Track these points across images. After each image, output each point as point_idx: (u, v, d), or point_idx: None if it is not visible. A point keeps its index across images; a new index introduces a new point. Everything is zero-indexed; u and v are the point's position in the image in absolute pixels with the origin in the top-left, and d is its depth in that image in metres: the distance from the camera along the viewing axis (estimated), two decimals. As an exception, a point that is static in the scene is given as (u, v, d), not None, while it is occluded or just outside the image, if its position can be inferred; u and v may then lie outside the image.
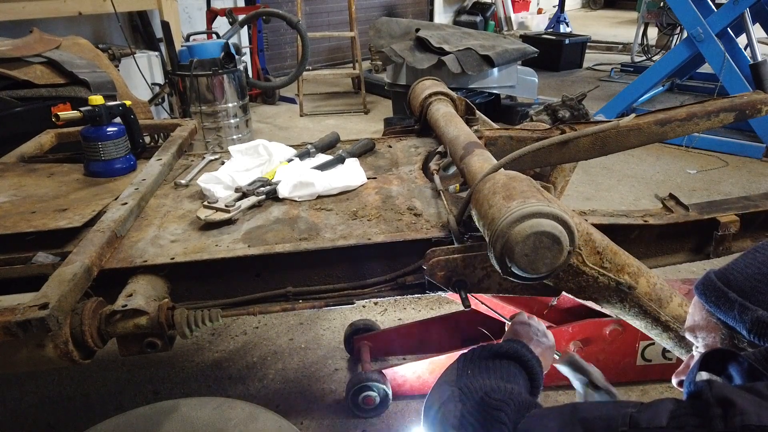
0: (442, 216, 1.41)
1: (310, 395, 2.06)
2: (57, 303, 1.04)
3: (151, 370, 2.21)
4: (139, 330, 1.16)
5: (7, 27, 3.64)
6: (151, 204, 1.59)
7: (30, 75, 2.76)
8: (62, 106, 2.74)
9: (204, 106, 3.82)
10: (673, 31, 7.01)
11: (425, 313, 2.53)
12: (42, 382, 2.17)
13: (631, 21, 10.50)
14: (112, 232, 1.33)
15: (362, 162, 1.78)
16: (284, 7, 6.58)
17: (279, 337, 2.39)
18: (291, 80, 4.49)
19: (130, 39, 4.43)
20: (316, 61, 7.30)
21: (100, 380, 2.16)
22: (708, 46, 4.36)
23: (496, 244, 1.07)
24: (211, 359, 2.27)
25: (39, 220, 1.45)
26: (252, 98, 5.44)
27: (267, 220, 1.47)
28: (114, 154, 1.77)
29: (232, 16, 4.49)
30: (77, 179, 1.77)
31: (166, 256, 1.30)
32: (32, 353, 1.09)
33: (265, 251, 1.29)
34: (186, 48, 3.78)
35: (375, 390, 1.93)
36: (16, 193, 1.66)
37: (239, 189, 1.55)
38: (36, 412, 2.04)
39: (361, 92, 5.68)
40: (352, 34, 5.68)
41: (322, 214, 1.48)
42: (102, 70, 3.05)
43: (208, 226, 1.43)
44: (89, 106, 1.74)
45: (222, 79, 3.79)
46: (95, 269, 1.22)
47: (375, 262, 1.34)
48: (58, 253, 1.30)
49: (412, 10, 8.92)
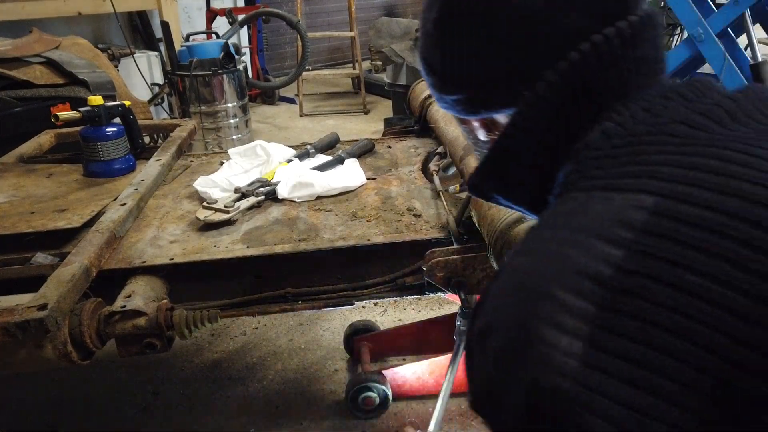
0: (441, 217, 1.41)
1: (309, 396, 2.06)
2: (56, 304, 1.04)
3: (150, 370, 2.20)
4: (138, 331, 1.15)
5: (6, 27, 3.64)
6: (150, 204, 1.59)
7: (29, 75, 2.75)
8: (61, 106, 2.73)
9: (203, 106, 3.81)
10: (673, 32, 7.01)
11: (425, 314, 2.52)
12: (41, 382, 2.16)
13: (631, 21, 10.48)
14: (111, 233, 1.33)
15: (362, 162, 1.78)
16: (284, 7, 6.57)
17: (278, 337, 2.39)
18: (291, 80, 4.48)
19: (129, 39, 4.42)
20: (316, 61, 7.29)
21: (99, 381, 2.16)
22: (708, 46, 4.36)
23: (495, 245, 1.07)
24: (210, 360, 2.27)
25: (38, 220, 1.45)
26: (252, 98, 5.44)
27: (266, 220, 1.47)
28: (113, 154, 1.77)
29: (232, 16, 4.49)
30: (76, 180, 1.77)
31: (165, 256, 1.30)
32: (31, 354, 1.09)
33: (264, 252, 1.29)
34: (186, 48, 3.77)
35: (375, 391, 1.92)
36: (15, 193, 1.66)
37: (238, 190, 1.55)
38: (35, 412, 2.03)
39: (361, 92, 5.67)
40: (352, 34, 5.67)
41: (322, 214, 1.48)
42: (101, 70, 3.04)
43: (207, 226, 1.43)
44: (88, 106, 1.73)
45: (222, 79, 3.79)
46: (94, 270, 1.22)
47: (374, 262, 1.34)
48: (57, 254, 1.30)
49: (412, 10, 8.91)
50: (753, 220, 0.41)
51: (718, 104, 0.52)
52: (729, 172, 0.44)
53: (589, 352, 0.40)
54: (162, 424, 1.94)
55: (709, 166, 0.45)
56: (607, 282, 0.41)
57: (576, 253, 0.43)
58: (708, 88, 0.55)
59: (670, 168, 0.46)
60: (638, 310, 0.40)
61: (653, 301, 0.40)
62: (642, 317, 0.40)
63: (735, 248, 0.40)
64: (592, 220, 0.45)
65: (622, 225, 0.43)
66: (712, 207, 0.42)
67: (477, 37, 0.58)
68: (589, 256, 0.42)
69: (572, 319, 0.41)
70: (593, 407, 0.39)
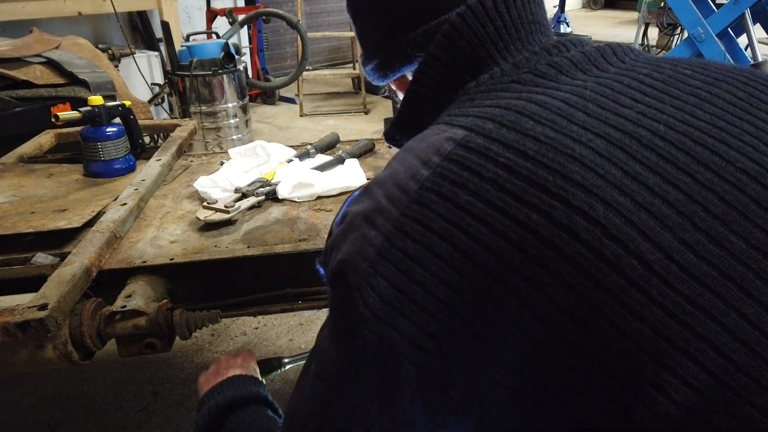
0: (442, 217, 1.41)
1: (309, 396, 2.06)
2: (56, 304, 1.04)
3: (150, 370, 2.20)
4: (138, 331, 1.15)
5: (7, 27, 3.64)
6: (151, 204, 1.59)
7: (29, 75, 2.75)
8: (62, 106, 2.74)
9: (204, 106, 3.81)
10: (673, 32, 7.00)
11: (425, 314, 2.52)
12: (41, 382, 2.16)
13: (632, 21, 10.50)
14: (111, 233, 1.33)
15: (362, 163, 1.78)
16: (284, 7, 6.57)
17: (279, 337, 2.39)
18: (291, 80, 4.48)
19: (129, 39, 4.42)
20: (316, 62, 7.29)
21: (100, 381, 2.16)
22: (708, 46, 4.36)
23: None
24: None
25: (38, 220, 1.45)
26: (252, 98, 5.44)
27: (266, 220, 1.47)
28: (113, 154, 1.77)
29: (232, 16, 4.49)
30: (76, 180, 1.77)
31: (166, 256, 1.30)
32: (31, 354, 1.09)
33: (265, 252, 1.29)
34: (186, 48, 3.77)
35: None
36: (15, 193, 1.66)
37: (239, 190, 1.55)
38: (35, 412, 2.03)
39: (361, 92, 5.67)
40: (352, 34, 5.67)
41: (322, 214, 1.48)
42: (102, 70, 3.04)
43: (208, 226, 1.43)
44: (89, 106, 1.73)
45: (222, 79, 3.78)
46: (94, 270, 1.22)
47: (375, 262, 1.34)
48: (57, 254, 1.30)
49: (412, 10, 8.90)
50: (527, 154, 0.48)
51: (570, 58, 0.59)
52: (532, 114, 0.51)
53: (384, 245, 0.50)
54: (162, 424, 1.94)
55: (520, 107, 0.52)
56: (410, 193, 0.50)
57: (401, 169, 0.54)
58: (574, 44, 0.62)
59: (492, 109, 0.54)
60: (423, 218, 0.49)
61: (435, 212, 0.48)
62: (424, 223, 0.49)
63: (505, 176, 0.47)
64: (421, 146, 0.55)
65: (436, 152, 0.52)
66: (500, 140, 0.50)
67: (372, 10, 0.71)
68: (407, 172, 0.52)
69: (381, 218, 0.51)
70: (374, 284, 0.50)
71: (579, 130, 0.49)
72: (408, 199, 0.50)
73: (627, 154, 0.47)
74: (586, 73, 0.58)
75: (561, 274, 0.44)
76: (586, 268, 0.43)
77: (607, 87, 0.54)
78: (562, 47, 0.61)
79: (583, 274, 0.43)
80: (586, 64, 0.59)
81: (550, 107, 0.52)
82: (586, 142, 0.48)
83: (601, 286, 0.43)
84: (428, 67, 0.65)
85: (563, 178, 0.46)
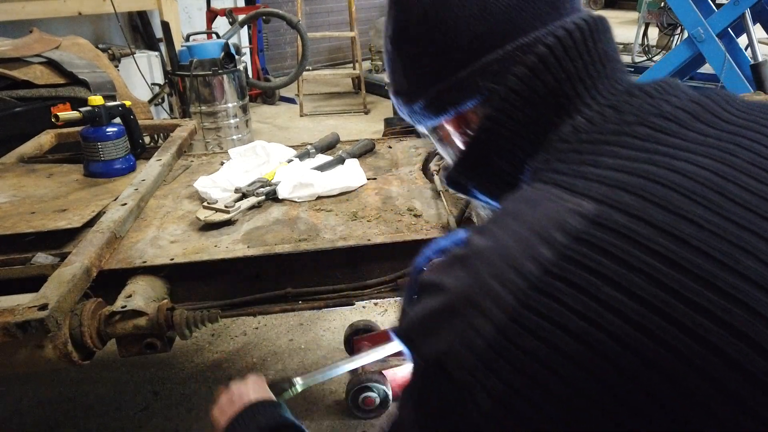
0: (442, 217, 1.41)
1: (309, 396, 2.06)
2: (56, 304, 1.04)
3: (150, 370, 2.20)
4: (139, 331, 1.15)
5: (7, 27, 3.64)
6: (151, 205, 1.59)
7: (30, 75, 2.75)
8: (62, 106, 2.74)
9: (204, 106, 3.81)
10: (673, 32, 7.00)
11: (425, 314, 2.52)
12: (41, 382, 2.16)
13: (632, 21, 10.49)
14: (111, 233, 1.33)
15: (362, 163, 1.78)
16: (284, 7, 6.57)
17: (279, 337, 2.39)
18: (291, 80, 4.48)
19: (129, 39, 4.42)
20: (316, 62, 7.29)
21: (100, 381, 2.16)
22: (709, 46, 4.36)
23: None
24: (210, 360, 2.27)
25: (38, 220, 1.45)
26: (252, 98, 5.43)
27: (266, 220, 1.47)
28: (113, 154, 1.77)
29: (232, 16, 4.49)
30: (77, 180, 1.77)
31: (166, 256, 1.30)
32: (31, 354, 1.09)
33: (265, 252, 1.29)
34: (186, 48, 3.77)
35: (375, 391, 1.92)
36: (15, 193, 1.66)
37: (239, 190, 1.55)
38: (36, 412, 2.03)
39: (362, 92, 5.67)
40: (352, 34, 5.67)
41: (322, 214, 1.48)
42: (102, 70, 3.05)
43: (208, 226, 1.43)
44: (89, 106, 1.73)
45: (222, 79, 3.78)
46: (94, 270, 1.22)
47: (375, 263, 1.34)
48: (58, 254, 1.30)
49: (413, 10, 8.90)
50: (689, 243, 0.41)
51: (682, 107, 0.52)
52: (677, 186, 0.44)
53: (497, 338, 0.42)
54: (162, 424, 1.94)
55: (661, 177, 0.45)
56: (530, 279, 0.43)
57: (515, 246, 0.45)
58: (671, 86, 0.56)
59: (620, 174, 0.47)
60: (548, 311, 0.41)
61: (565, 305, 0.41)
62: (550, 318, 0.41)
63: (661, 268, 0.40)
64: (538, 218, 0.46)
65: (559, 228, 0.44)
66: (646, 221, 0.42)
67: (432, 40, 0.60)
68: (524, 251, 0.44)
69: (491, 304, 0.43)
70: (485, 383, 0.42)
71: (744, 212, 0.42)
72: (527, 285, 0.43)
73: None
74: (714, 127, 0.50)
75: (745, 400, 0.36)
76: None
77: (748, 150, 0.48)
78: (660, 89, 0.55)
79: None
80: (705, 115, 0.52)
81: (696, 178, 0.45)
82: (758, 231, 0.41)
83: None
84: (507, 103, 0.57)
85: (740, 278, 0.39)
